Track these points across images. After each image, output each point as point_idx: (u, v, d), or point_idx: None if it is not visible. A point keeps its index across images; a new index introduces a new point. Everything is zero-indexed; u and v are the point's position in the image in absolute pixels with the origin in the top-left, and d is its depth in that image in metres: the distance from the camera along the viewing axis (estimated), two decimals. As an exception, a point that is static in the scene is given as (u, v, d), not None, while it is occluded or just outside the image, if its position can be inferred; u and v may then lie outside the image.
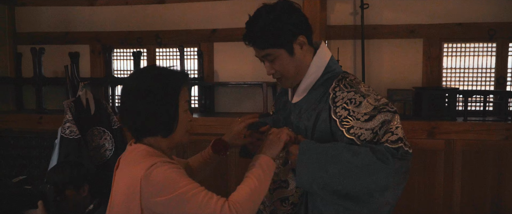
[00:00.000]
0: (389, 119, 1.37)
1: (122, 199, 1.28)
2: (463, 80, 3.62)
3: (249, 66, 3.81)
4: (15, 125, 3.60)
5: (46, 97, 3.85)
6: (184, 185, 1.21)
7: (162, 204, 1.21)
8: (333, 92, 1.45)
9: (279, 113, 1.66)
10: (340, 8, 3.65)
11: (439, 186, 3.09)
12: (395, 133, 1.35)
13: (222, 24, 3.83)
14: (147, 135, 1.33)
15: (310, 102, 1.50)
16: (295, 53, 1.46)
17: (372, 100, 1.41)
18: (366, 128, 1.37)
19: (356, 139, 1.38)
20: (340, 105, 1.42)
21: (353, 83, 1.46)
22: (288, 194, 1.52)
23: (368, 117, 1.38)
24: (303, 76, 1.51)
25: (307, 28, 1.48)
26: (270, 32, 1.42)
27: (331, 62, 1.54)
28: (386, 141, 1.34)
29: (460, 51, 3.61)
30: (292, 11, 1.45)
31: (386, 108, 1.39)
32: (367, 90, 1.44)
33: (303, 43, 1.47)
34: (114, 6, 4.01)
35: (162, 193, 1.21)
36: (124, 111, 1.33)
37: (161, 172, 1.22)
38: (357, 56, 3.63)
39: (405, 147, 1.35)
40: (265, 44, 1.44)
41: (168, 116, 1.30)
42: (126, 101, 1.32)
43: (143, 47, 4.03)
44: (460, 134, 3.04)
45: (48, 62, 3.95)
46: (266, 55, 1.46)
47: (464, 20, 3.47)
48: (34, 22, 4.15)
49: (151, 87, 1.28)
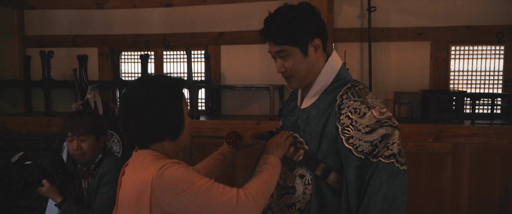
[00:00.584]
0: (389, 133, 1.39)
1: (130, 201, 1.29)
2: (470, 83, 3.61)
3: (256, 69, 3.82)
4: (24, 128, 3.64)
5: (55, 100, 3.89)
6: (198, 180, 1.25)
7: (178, 201, 1.23)
8: (340, 99, 1.47)
9: (287, 117, 1.67)
10: (347, 11, 3.65)
11: (446, 190, 3.08)
12: (390, 148, 1.37)
13: (229, 27, 3.84)
14: (154, 141, 1.36)
15: (319, 109, 1.51)
16: (309, 55, 1.48)
17: (376, 113, 1.42)
18: (365, 140, 1.39)
19: (354, 149, 1.39)
20: (345, 113, 1.43)
21: (361, 93, 1.47)
22: (295, 200, 1.53)
23: (369, 129, 1.39)
24: (313, 79, 1.53)
25: (324, 33, 1.51)
26: (288, 28, 1.44)
27: (342, 70, 1.56)
28: (381, 155, 1.36)
29: (467, 54, 3.60)
30: (312, 13, 1.48)
31: (388, 122, 1.40)
32: (373, 101, 1.46)
33: (318, 46, 1.49)
34: (122, 10, 4.04)
35: (175, 190, 1.23)
36: (129, 120, 1.33)
37: (173, 171, 1.24)
38: (364, 59, 3.62)
39: (396, 164, 1.35)
40: (281, 40, 1.46)
41: (176, 119, 1.35)
42: (131, 110, 1.33)
43: (151, 50, 4.06)
44: (467, 137, 3.03)
45: (56, 65, 3.99)
46: (280, 51, 1.48)
47: (472, 23, 3.46)
48: (43, 25, 4.19)
49: (159, 94, 1.32)
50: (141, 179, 1.26)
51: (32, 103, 4.15)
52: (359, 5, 3.62)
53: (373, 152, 1.37)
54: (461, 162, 3.05)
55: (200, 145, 3.28)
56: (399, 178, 1.35)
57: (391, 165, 1.35)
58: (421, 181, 3.08)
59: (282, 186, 1.56)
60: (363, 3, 3.60)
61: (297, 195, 1.52)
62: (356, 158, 1.39)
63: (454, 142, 3.04)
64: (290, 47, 1.46)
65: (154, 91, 1.32)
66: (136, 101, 1.32)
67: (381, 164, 1.35)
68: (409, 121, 3.26)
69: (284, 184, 1.56)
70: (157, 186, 1.23)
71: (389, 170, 1.35)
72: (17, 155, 1.97)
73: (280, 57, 1.50)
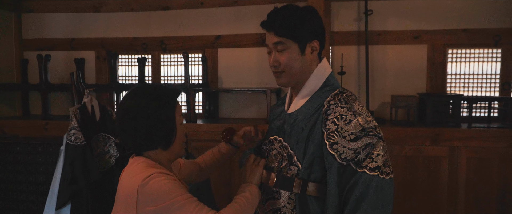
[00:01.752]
0: (373, 142, 1.40)
1: (122, 207, 1.36)
2: (467, 87, 3.61)
3: (253, 72, 3.82)
4: (21, 131, 3.63)
5: (52, 103, 3.88)
6: (176, 195, 1.30)
7: (157, 212, 1.29)
8: (328, 104, 1.48)
9: (273, 122, 1.68)
10: (344, 14, 3.65)
11: (443, 194, 3.07)
12: (375, 160, 1.38)
13: (227, 30, 3.85)
14: (147, 149, 1.42)
15: (306, 113, 1.52)
16: (305, 54, 1.51)
17: (362, 121, 1.42)
18: (349, 147, 1.40)
19: (337, 155, 1.40)
20: (331, 119, 1.44)
21: (349, 100, 1.48)
22: (280, 205, 1.53)
23: (354, 137, 1.40)
24: (302, 80, 1.55)
25: (323, 38, 1.55)
26: (291, 22, 1.48)
27: (331, 77, 1.58)
28: (365, 166, 1.37)
29: (464, 57, 3.59)
30: (317, 16, 1.53)
31: (373, 132, 1.42)
32: (360, 109, 1.46)
33: (315, 48, 1.53)
34: (119, 13, 4.04)
35: (155, 202, 1.29)
36: (124, 129, 1.40)
37: (156, 183, 1.30)
38: (361, 62, 3.62)
39: (381, 175, 1.36)
40: (282, 31, 1.48)
41: (168, 129, 1.40)
42: (125, 120, 1.39)
43: (148, 53, 4.05)
44: (464, 141, 3.02)
45: (54, 69, 3.98)
46: (279, 43, 1.49)
47: (469, 26, 3.46)
48: (40, 29, 4.19)
49: (150, 105, 1.37)
50: (131, 185, 1.33)
51: (30, 106, 4.15)
52: (356, 8, 3.62)
53: (355, 159, 1.39)
54: (458, 166, 3.04)
55: (197, 148, 3.28)
56: (385, 189, 1.37)
57: (376, 177, 1.36)
58: (418, 185, 3.07)
59: (268, 191, 1.57)
60: (360, 6, 3.60)
61: (283, 200, 1.53)
62: (338, 164, 1.40)
63: (451, 145, 3.04)
64: (289, 41, 1.48)
65: (145, 103, 1.37)
66: (129, 112, 1.38)
67: (365, 175, 1.36)
68: (406, 124, 3.26)
69: (269, 189, 1.56)
70: (141, 194, 1.30)
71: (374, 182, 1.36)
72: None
73: (276, 51, 1.51)
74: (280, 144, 1.57)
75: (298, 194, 1.49)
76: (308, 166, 1.48)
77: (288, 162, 1.52)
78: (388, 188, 1.37)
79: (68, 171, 2.53)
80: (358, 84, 3.65)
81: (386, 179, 1.37)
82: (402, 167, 3.05)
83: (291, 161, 1.52)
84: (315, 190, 1.48)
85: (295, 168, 1.51)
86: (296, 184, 1.48)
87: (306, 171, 1.48)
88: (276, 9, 1.52)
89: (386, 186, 1.37)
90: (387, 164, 1.39)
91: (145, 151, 1.42)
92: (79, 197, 2.55)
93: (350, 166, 1.38)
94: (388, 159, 1.42)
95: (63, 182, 2.53)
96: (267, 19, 1.52)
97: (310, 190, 1.48)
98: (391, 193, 1.38)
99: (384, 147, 1.42)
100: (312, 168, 1.48)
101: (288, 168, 1.52)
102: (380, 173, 1.37)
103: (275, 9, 1.52)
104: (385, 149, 1.42)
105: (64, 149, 2.58)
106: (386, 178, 1.37)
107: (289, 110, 1.59)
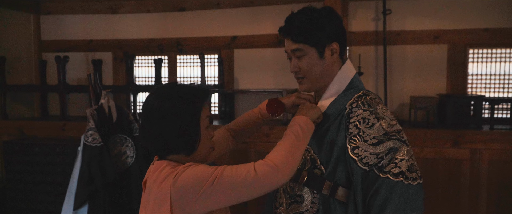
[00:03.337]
0: (397, 147, 1.35)
1: (153, 210, 1.28)
2: (489, 87, 3.52)
3: (269, 73, 3.79)
4: (40, 132, 3.69)
5: (70, 104, 3.93)
6: (210, 174, 1.22)
7: (201, 200, 1.22)
8: (350, 107, 1.44)
9: None
10: (362, 14, 3.60)
11: (464, 197, 3.00)
12: (398, 165, 1.33)
13: (243, 31, 3.83)
14: (169, 153, 1.33)
15: (329, 116, 1.49)
16: (325, 57, 1.47)
17: (385, 124, 1.38)
18: (371, 152, 1.35)
19: (359, 160, 1.35)
20: (353, 122, 1.40)
21: (372, 103, 1.43)
22: (303, 209, 1.50)
23: (376, 141, 1.35)
24: (325, 84, 1.51)
25: (343, 39, 1.50)
26: (308, 27, 1.44)
27: (355, 78, 1.53)
28: (388, 171, 1.32)
29: (486, 57, 3.51)
30: (335, 17, 1.48)
31: (397, 136, 1.37)
32: (383, 112, 1.42)
33: (335, 51, 1.48)
34: (136, 14, 4.07)
35: (195, 191, 1.21)
36: (145, 131, 1.32)
37: (185, 176, 1.23)
38: (379, 63, 3.57)
39: (406, 181, 1.31)
40: (299, 38, 1.45)
41: (190, 135, 1.29)
42: (147, 121, 1.31)
43: (164, 54, 4.07)
44: (486, 143, 2.95)
45: (72, 70, 4.03)
46: (297, 49, 1.46)
47: (491, 25, 3.38)
48: (58, 30, 4.25)
49: (173, 107, 1.27)
50: (161, 191, 1.26)
51: (48, 107, 4.21)
52: (374, 7, 3.57)
53: (378, 164, 1.34)
54: (479, 169, 2.97)
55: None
56: (411, 195, 1.32)
57: (400, 183, 1.31)
58: (438, 188, 3.01)
59: (290, 195, 1.54)
60: (378, 6, 3.54)
61: (306, 204, 1.49)
62: (360, 169, 1.36)
63: (472, 148, 2.96)
64: (307, 46, 1.45)
65: (168, 104, 1.28)
66: (150, 113, 1.29)
67: (388, 181, 1.32)
68: (425, 126, 3.20)
69: (292, 193, 1.53)
70: (175, 193, 1.23)
71: (397, 188, 1.31)
72: None
73: (295, 57, 1.48)
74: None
75: (323, 198, 1.45)
76: (332, 170, 1.44)
77: (311, 165, 1.49)
78: (414, 194, 1.32)
79: (85, 172, 2.55)
80: (376, 85, 3.59)
81: (412, 184, 1.32)
82: (421, 170, 2.92)
83: (314, 165, 1.48)
84: (344, 195, 1.43)
85: (318, 172, 1.47)
86: (326, 185, 1.44)
87: (330, 175, 1.44)
88: (292, 14, 1.48)
89: (412, 192, 1.31)
90: (413, 169, 1.34)
91: (167, 155, 1.33)
92: (96, 198, 2.57)
93: (373, 171, 1.34)
94: (415, 164, 1.36)
95: (80, 183, 2.55)
96: (284, 25, 1.49)
97: (340, 194, 1.43)
98: (418, 199, 1.32)
99: (409, 152, 1.37)
100: (336, 172, 1.44)
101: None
102: (405, 178, 1.31)
103: (292, 14, 1.48)
104: (410, 153, 1.36)
105: (82, 150, 2.60)
106: (412, 183, 1.32)
107: None
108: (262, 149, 3.25)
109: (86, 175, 2.54)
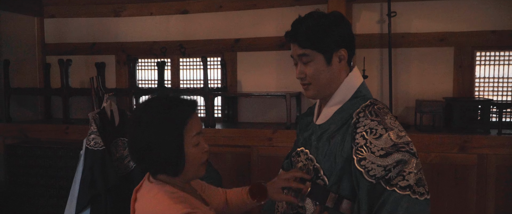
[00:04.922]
0: (406, 159, 1.29)
1: None
2: (497, 91, 3.45)
3: (272, 77, 3.76)
4: (43, 135, 3.69)
5: (73, 107, 3.93)
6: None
7: None
8: (357, 117, 1.39)
9: (301, 133, 1.60)
10: (367, 16, 3.56)
11: (471, 203, 2.94)
12: (406, 178, 1.27)
13: (246, 33, 3.80)
14: (156, 173, 1.23)
15: (335, 125, 1.43)
16: (332, 64, 1.42)
17: (394, 136, 1.32)
18: (378, 164, 1.29)
19: (365, 172, 1.30)
20: (360, 132, 1.35)
21: (380, 113, 1.38)
22: None
23: (384, 153, 1.30)
24: (331, 91, 1.46)
25: (351, 45, 1.45)
26: (315, 32, 1.40)
27: (362, 87, 1.48)
28: (396, 184, 1.27)
29: (493, 60, 3.45)
30: (343, 23, 1.43)
31: (406, 148, 1.31)
32: (392, 123, 1.36)
33: (342, 57, 1.43)
34: (139, 17, 4.06)
35: None
36: (130, 144, 1.23)
37: (142, 206, 1.18)
38: (384, 66, 3.52)
39: (413, 195, 1.26)
40: (306, 43, 1.41)
41: (171, 155, 1.17)
42: (131, 133, 1.21)
43: (167, 57, 4.05)
44: (494, 148, 2.89)
45: (75, 73, 4.03)
46: (303, 55, 1.42)
47: (498, 28, 3.31)
48: (62, 33, 4.25)
49: (153, 119, 1.17)
50: None
51: (52, 110, 4.21)
52: (379, 10, 3.52)
53: (385, 177, 1.28)
54: (487, 174, 2.91)
55: (215, 154, 3.24)
56: (417, 210, 1.26)
57: (406, 197, 1.26)
58: (445, 194, 2.95)
59: (293, 206, 1.49)
60: (383, 8, 3.49)
61: None
62: (367, 182, 1.30)
63: (480, 153, 2.90)
64: (314, 52, 1.41)
65: (149, 115, 1.17)
66: (134, 124, 1.20)
67: (395, 194, 1.26)
68: (431, 131, 3.14)
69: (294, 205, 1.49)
70: None
71: (404, 202, 1.26)
72: None
73: (301, 62, 1.44)
74: (305, 156, 1.49)
75: (327, 210, 1.40)
76: (336, 181, 1.39)
77: (315, 175, 1.44)
78: (421, 210, 1.26)
79: (88, 176, 2.54)
80: (381, 88, 3.54)
81: (419, 199, 1.26)
82: (427, 176, 2.89)
83: (317, 175, 1.44)
84: (349, 208, 1.38)
85: (321, 182, 1.42)
86: (331, 197, 1.39)
87: (334, 186, 1.39)
88: (299, 18, 1.44)
89: (419, 207, 1.26)
90: (420, 183, 1.29)
91: (157, 173, 1.22)
92: (98, 202, 2.56)
93: (380, 183, 1.29)
94: (423, 178, 1.31)
95: (82, 187, 2.54)
96: (290, 30, 1.44)
97: (344, 207, 1.38)
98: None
99: (418, 165, 1.31)
100: (341, 184, 1.39)
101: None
102: (412, 192, 1.26)
103: (299, 19, 1.43)
104: (418, 166, 1.31)
105: (84, 154, 2.60)
106: (420, 198, 1.26)
107: (318, 121, 1.50)
108: (265, 152, 3.22)
109: (88, 179, 2.53)
